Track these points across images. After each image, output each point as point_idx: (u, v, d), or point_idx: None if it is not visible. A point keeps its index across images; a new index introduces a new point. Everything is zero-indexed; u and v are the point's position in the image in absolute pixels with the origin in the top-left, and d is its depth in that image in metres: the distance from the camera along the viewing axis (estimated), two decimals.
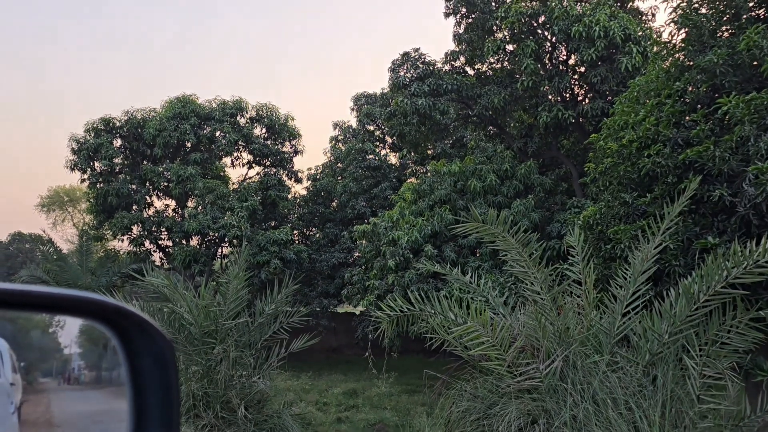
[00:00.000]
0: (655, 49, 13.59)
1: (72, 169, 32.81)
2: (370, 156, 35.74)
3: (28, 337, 2.61)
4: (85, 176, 33.14)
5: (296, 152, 35.30)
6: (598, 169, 12.26)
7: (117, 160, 33.41)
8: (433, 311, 9.02)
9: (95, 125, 33.02)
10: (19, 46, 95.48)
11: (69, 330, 2.45)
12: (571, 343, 8.11)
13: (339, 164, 37.54)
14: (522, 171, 24.18)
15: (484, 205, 22.45)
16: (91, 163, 32.82)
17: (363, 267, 27.02)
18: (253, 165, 35.24)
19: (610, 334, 8.32)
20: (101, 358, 2.53)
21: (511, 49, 24.47)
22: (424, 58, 26.51)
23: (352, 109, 38.57)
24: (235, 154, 34.56)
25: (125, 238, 32.74)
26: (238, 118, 34.35)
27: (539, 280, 9.03)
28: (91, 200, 34.85)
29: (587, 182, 13.71)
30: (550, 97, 24.31)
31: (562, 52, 24.36)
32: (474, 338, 8.29)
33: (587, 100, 23.86)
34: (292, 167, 35.30)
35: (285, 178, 34.94)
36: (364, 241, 26.95)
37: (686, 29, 11.56)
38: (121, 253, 35.16)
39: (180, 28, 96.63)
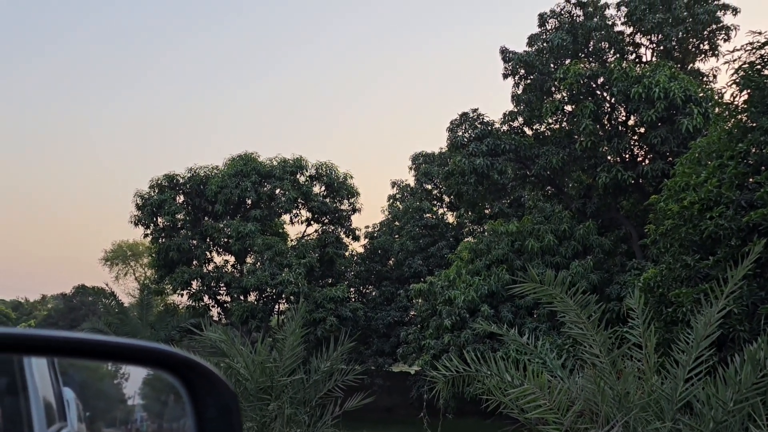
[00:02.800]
0: (716, 110, 13.49)
1: (136, 224, 33.67)
2: (428, 215, 35.82)
3: (93, 388, 2.69)
4: (148, 231, 33.96)
5: (354, 210, 35.57)
6: (658, 231, 12.10)
7: (179, 216, 34.12)
8: (489, 372, 8.92)
9: (159, 182, 33.89)
10: (89, 102, 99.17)
11: (133, 381, 2.52)
12: (631, 408, 7.92)
13: (396, 222, 37.67)
14: (580, 232, 23.93)
15: (542, 266, 22.22)
16: (155, 219, 33.61)
17: (419, 326, 26.89)
18: (312, 222, 35.60)
19: (672, 401, 8.09)
20: (164, 409, 2.59)
21: (570, 109, 24.51)
22: (483, 119, 26.69)
23: (411, 168, 38.87)
24: (294, 211, 34.97)
25: (185, 292, 33.26)
26: (297, 176, 34.86)
27: (598, 343, 8.87)
28: (153, 255, 35.58)
29: (647, 244, 13.53)
30: (609, 157, 24.17)
31: (621, 112, 24.29)
32: (531, 401, 8.15)
33: (647, 161, 23.65)
34: (350, 225, 35.54)
35: (343, 235, 35.17)
36: (420, 300, 26.87)
37: (749, 90, 11.46)
38: (180, 307, 35.69)
39: (243, 87, 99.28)
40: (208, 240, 33.94)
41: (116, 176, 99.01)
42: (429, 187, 38.21)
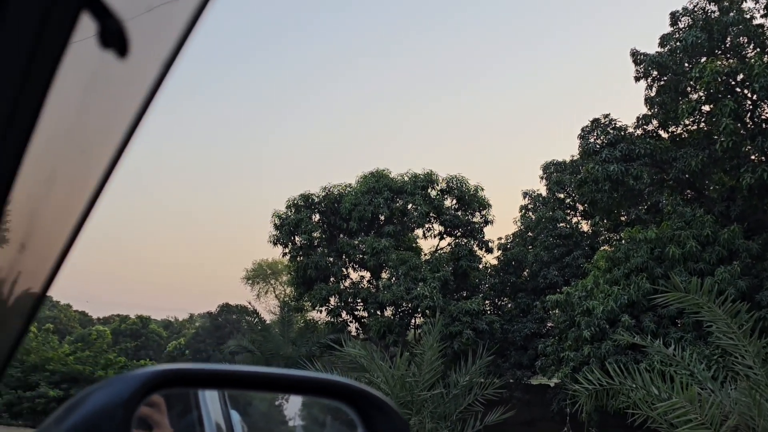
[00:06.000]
0: None
1: (275, 244, 34.87)
2: (561, 224, 35.20)
3: (257, 410, 2.87)
4: (287, 250, 35.08)
5: (486, 222, 35.41)
6: None
7: (315, 234, 35.03)
8: (634, 385, 8.72)
9: (296, 201, 34.98)
10: (228, 126, 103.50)
11: (293, 404, 2.68)
12: None
13: (529, 233, 37.19)
14: (725, 236, 22.89)
15: (685, 273, 21.40)
16: (292, 238, 34.67)
17: (557, 338, 26.46)
18: (445, 236, 35.70)
19: None
20: (322, 430, 2.73)
21: (708, 109, 23.57)
22: (615, 124, 26.10)
23: (542, 178, 38.27)
24: (426, 225, 35.16)
25: (323, 309, 34.10)
26: (429, 190, 35.06)
27: (751, 354, 8.49)
28: (292, 273, 36.67)
29: None
30: (753, 157, 23.08)
31: (765, 109, 23.15)
32: (681, 415, 7.91)
33: None
34: (483, 237, 35.39)
35: (476, 248, 35.05)
36: (557, 311, 26.45)
37: None
38: (320, 323, 36.57)
39: (371, 105, 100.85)
40: (343, 257, 34.68)
41: (255, 197, 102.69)
42: (561, 196, 37.52)
